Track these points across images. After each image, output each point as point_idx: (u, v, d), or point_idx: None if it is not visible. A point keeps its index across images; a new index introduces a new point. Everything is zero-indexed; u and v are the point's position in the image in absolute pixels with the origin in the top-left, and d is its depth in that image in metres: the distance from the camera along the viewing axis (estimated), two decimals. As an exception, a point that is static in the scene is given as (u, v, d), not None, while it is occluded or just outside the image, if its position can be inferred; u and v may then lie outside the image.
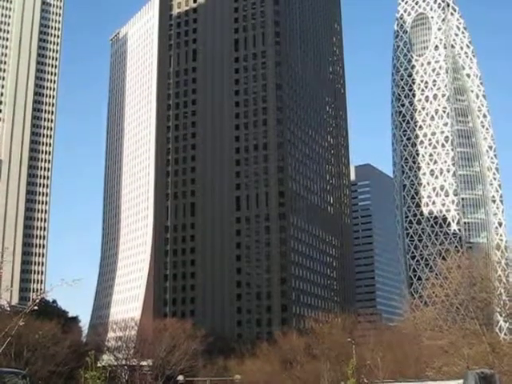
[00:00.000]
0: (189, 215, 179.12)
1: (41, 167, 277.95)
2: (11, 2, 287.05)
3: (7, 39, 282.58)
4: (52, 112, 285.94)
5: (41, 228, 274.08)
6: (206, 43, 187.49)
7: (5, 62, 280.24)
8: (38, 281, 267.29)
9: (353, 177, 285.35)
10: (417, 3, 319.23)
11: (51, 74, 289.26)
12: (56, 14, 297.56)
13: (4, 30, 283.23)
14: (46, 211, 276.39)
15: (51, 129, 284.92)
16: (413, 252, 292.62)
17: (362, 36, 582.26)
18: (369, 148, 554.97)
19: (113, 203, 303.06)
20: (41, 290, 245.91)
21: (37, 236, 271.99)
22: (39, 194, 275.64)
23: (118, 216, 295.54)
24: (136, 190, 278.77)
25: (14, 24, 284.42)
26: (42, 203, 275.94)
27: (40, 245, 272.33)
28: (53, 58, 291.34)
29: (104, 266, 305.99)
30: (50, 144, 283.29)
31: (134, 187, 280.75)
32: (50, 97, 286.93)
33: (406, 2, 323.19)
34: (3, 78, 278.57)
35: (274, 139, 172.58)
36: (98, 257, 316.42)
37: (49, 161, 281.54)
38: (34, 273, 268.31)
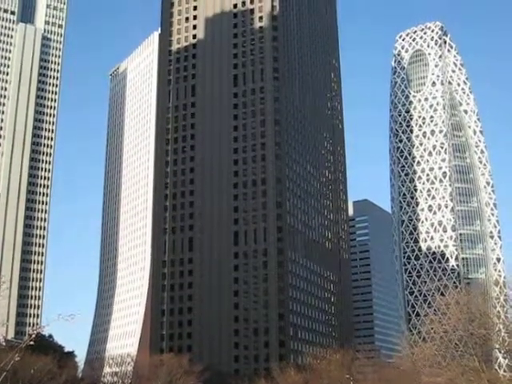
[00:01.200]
0: (187, 250, 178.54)
1: (38, 201, 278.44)
2: (12, 36, 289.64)
3: (7, 73, 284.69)
4: (51, 146, 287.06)
5: (38, 262, 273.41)
6: (205, 78, 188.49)
7: (5, 96, 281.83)
8: (34, 315, 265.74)
9: (351, 212, 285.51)
10: (414, 40, 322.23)
11: (50, 107, 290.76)
12: (56, 48, 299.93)
13: (4, 65, 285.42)
14: (43, 245, 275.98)
15: (49, 163, 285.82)
16: (411, 288, 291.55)
17: (360, 72, 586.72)
18: (367, 183, 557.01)
19: (111, 237, 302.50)
20: (37, 324, 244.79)
21: (34, 270, 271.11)
22: (37, 228, 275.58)
23: (115, 250, 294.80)
24: (134, 225, 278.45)
25: (14, 59, 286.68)
26: (40, 237, 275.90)
27: (37, 278, 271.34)
28: (52, 92, 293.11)
29: (101, 300, 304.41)
30: (48, 178, 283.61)
31: (133, 222, 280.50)
32: (48, 131, 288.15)
33: (404, 39, 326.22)
34: (2, 112, 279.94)
35: (273, 174, 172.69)
36: (95, 289, 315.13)
37: (47, 194, 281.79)
38: (31, 307, 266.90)
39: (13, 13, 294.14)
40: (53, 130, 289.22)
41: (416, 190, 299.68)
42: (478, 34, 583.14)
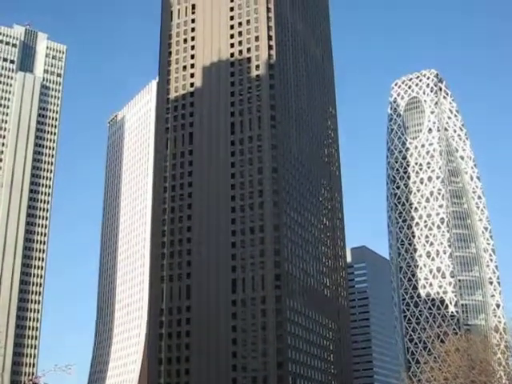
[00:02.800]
0: (184, 298, 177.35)
1: (35, 257, 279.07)
2: (11, 85, 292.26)
3: (6, 121, 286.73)
4: (48, 193, 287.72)
5: (34, 310, 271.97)
6: (202, 126, 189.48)
7: (3, 144, 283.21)
8: (30, 364, 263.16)
9: (349, 259, 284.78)
10: (410, 87, 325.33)
11: (48, 155, 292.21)
12: (55, 97, 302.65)
13: (3, 113, 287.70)
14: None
15: (47, 210, 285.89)
16: (411, 335, 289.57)
17: (357, 119, 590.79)
18: (365, 230, 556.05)
19: (109, 284, 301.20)
20: (33, 374, 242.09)
21: (30, 318, 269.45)
22: (33, 285, 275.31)
23: (113, 297, 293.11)
24: (131, 272, 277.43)
25: (13, 107, 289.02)
26: (36, 293, 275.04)
27: (33, 327, 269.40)
28: (50, 141, 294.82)
29: (98, 348, 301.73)
30: (45, 226, 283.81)
31: (130, 269, 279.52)
32: (46, 179, 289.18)
33: (399, 87, 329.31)
34: (0, 160, 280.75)
35: (270, 222, 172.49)
36: (92, 336, 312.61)
37: (44, 242, 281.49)
38: (27, 356, 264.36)
39: (12, 62, 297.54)
40: (50, 178, 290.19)
41: (414, 236, 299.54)
42: (472, 81, 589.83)
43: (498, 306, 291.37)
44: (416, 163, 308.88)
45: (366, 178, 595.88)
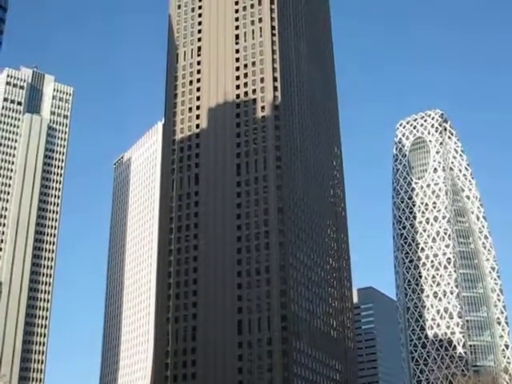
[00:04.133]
0: (190, 339, 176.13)
1: (40, 298, 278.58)
2: (18, 126, 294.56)
3: (12, 163, 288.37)
4: (54, 235, 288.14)
5: (39, 352, 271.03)
6: (208, 168, 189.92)
7: (9, 185, 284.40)
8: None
9: (356, 300, 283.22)
10: (415, 128, 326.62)
11: (54, 196, 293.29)
12: (61, 138, 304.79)
13: (10, 154, 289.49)
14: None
15: (53, 251, 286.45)
16: (419, 376, 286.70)
17: (362, 159, 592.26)
18: (371, 271, 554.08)
19: (113, 326, 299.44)
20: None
21: (34, 360, 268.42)
22: (38, 326, 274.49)
23: (118, 339, 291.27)
24: (137, 314, 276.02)
25: (19, 148, 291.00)
26: (40, 335, 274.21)
27: (38, 369, 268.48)
28: (56, 182, 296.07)
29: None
30: (51, 267, 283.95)
31: (135, 311, 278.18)
32: (52, 220, 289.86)
33: (404, 127, 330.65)
34: (7, 201, 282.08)
35: (276, 262, 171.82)
36: (97, 373, 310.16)
37: (49, 283, 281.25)
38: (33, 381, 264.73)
39: (19, 103, 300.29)
40: (56, 219, 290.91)
41: (421, 277, 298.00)
42: (477, 121, 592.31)
43: (506, 346, 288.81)
44: (422, 203, 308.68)
45: (371, 218, 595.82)
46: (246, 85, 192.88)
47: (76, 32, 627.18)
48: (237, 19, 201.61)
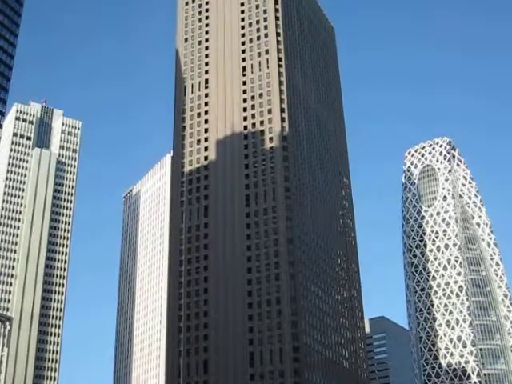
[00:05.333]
0: (202, 372, 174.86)
1: (51, 333, 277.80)
2: (27, 161, 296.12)
3: (22, 197, 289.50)
4: (64, 268, 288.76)
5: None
6: (217, 199, 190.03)
7: (19, 220, 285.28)
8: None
9: (368, 330, 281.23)
10: (423, 155, 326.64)
11: (64, 230, 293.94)
12: (70, 172, 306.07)
13: (19, 189, 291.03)
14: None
15: (63, 285, 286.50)
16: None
17: (370, 188, 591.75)
18: (383, 300, 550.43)
19: (124, 361, 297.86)
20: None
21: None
22: (48, 361, 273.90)
23: (128, 374, 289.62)
24: (148, 348, 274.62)
25: (29, 183, 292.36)
26: (51, 370, 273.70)
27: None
28: (66, 215, 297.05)
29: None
30: (61, 301, 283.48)
31: (146, 344, 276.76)
32: (62, 254, 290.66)
33: (413, 155, 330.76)
34: (17, 235, 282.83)
35: (287, 293, 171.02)
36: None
37: (60, 317, 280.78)
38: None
39: (29, 138, 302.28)
40: (66, 253, 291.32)
41: (433, 305, 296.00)
42: (485, 148, 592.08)
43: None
44: (432, 231, 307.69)
45: (382, 247, 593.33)
46: (253, 116, 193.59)
47: (84, 66, 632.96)
48: (243, 51, 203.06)
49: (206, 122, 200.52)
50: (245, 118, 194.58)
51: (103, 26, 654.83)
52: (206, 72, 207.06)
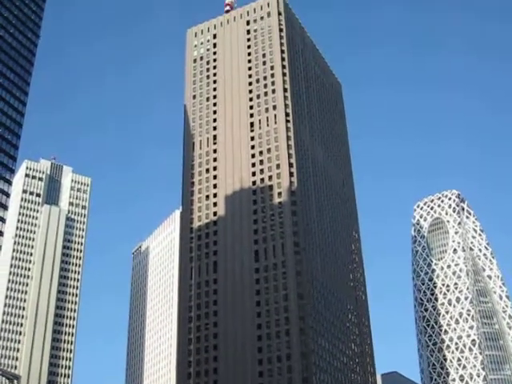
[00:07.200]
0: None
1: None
2: (37, 218, 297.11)
3: (31, 254, 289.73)
4: (73, 326, 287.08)
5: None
6: (226, 255, 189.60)
7: (28, 277, 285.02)
8: None
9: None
10: (432, 208, 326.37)
11: (73, 287, 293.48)
12: (79, 229, 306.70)
13: (29, 245, 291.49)
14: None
15: (71, 342, 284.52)
16: None
17: (380, 241, 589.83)
18: (395, 355, 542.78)
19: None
20: None
21: None
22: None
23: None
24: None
25: (38, 239, 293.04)
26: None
27: None
28: (75, 272, 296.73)
29: None
30: (69, 358, 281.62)
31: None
32: (71, 310, 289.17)
33: (422, 208, 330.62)
34: (25, 292, 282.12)
35: (298, 350, 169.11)
36: None
37: (68, 375, 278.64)
38: None
39: (38, 195, 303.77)
40: (75, 310, 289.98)
41: (446, 360, 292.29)
42: (494, 200, 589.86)
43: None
44: (443, 284, 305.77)
45: (392, 302, 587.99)
46: (261, 171, 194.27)
47: (93, 121, 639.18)
48: (251, 107, 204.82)
49: (215, 177, 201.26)
50: (253, 173, 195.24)
51: (111, 79, 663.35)
52: (215, 128, 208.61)
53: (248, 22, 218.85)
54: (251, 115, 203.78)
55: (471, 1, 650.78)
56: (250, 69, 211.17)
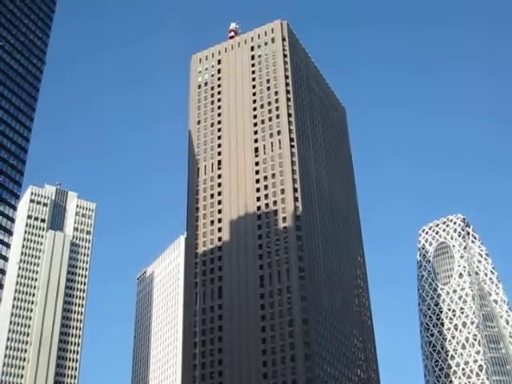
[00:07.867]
0: None
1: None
2: (41, 243, 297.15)
3: (36, 279, 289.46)
4: (77, 351, 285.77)
5: None
6: (231, 280, 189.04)
7: (32, 302, 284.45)
8: None
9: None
10: (437, 233, 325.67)
11: (77, 313, 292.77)
12: (84, 254, 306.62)
13: (33, 271, 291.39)
14: None
15: (76, 368, 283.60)
16: None
17: (386, 266, 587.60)
18: (401, 380, 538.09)
19: None
20: None
21: None
22: None
23: None
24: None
25: (43, 265, 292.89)
26: None
27: None
28: (79, 298, 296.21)
29: None
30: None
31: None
32: (75, 336, 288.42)
33: (427, 233, 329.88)
34: (30, 318, 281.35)
35: (303, 376, 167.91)
36: None
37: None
38: None
39: (43, 220, 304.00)
40: (80, 336, 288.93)
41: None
42: (499, 224, 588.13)
43: None
44: (449, 309, 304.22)
45: (398, 327, 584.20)
46: (266, 196, 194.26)
47: (98, 147, 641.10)
48: (256, 132, 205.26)
49: (220, 202, 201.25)
50: (258, 199, 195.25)
51: (115, 103, 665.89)
52: (219, 153, 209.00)
53: (252, 48, 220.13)
54: (256, 140, 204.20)
55: (477, 17, 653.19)
56: (254, 94, 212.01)
